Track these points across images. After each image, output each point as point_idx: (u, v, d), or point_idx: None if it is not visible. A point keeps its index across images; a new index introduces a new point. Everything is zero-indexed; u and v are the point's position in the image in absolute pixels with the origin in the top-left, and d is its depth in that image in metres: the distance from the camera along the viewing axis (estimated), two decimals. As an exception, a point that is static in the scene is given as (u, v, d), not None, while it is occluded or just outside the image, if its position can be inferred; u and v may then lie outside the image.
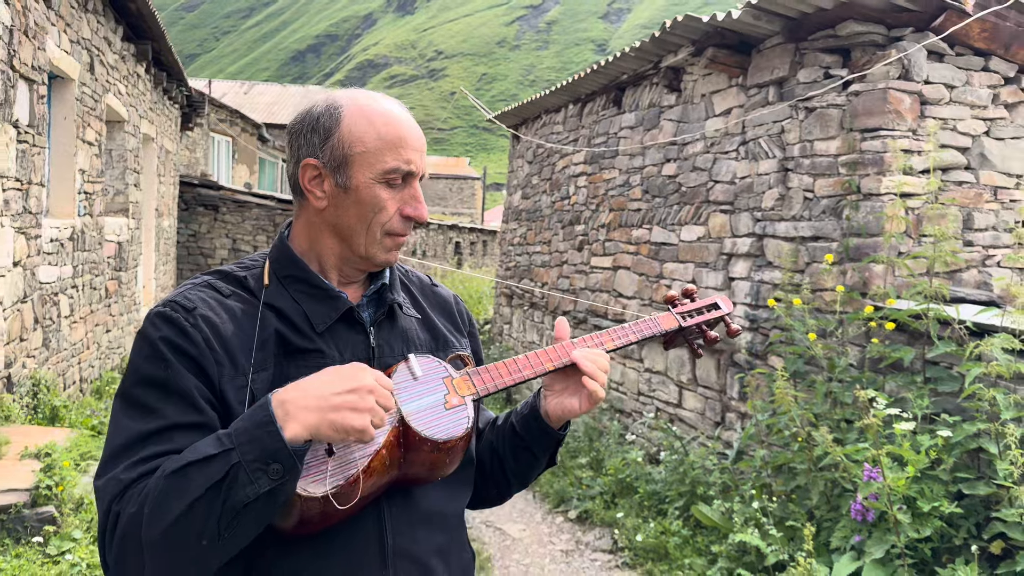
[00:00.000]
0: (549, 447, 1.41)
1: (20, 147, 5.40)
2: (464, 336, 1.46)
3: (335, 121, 1.22)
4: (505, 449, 1.43)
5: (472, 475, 1.41)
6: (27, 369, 5.79)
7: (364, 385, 1.06)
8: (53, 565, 3.81)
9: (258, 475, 0.99)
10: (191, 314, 1.15)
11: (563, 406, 1.34)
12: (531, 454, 1.41)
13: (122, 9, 8.27)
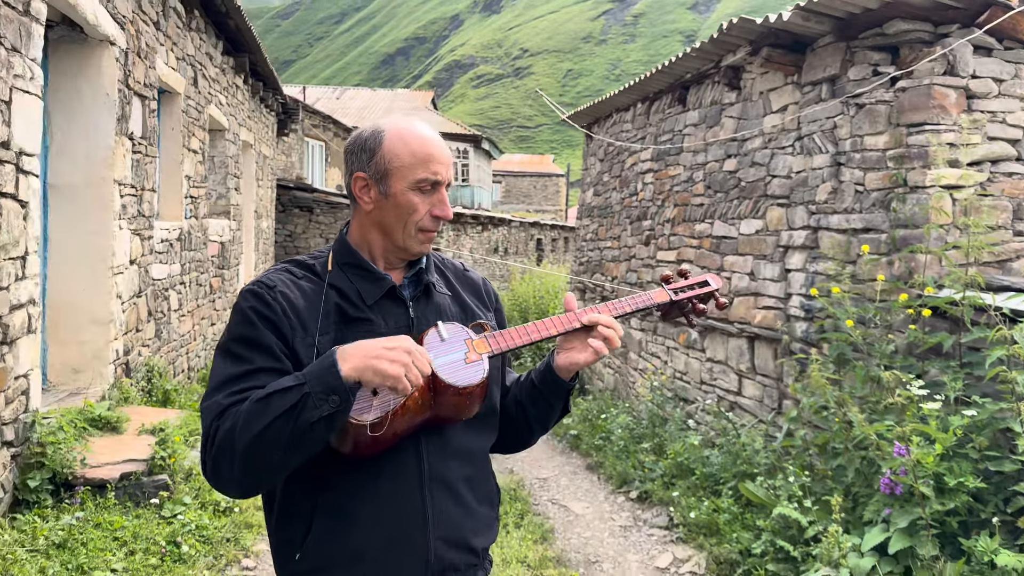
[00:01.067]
0: (560, 395, 1.72)
1: (135, 157, 6.04)
2: (490, 311, 1.80)
3: (378, 142, 1.58)
4: (526, 399, 1.75)
5: (495, 423, 1.74)
6: (142, 357, 6.46)
7: (402, 345, 1.41)
8: (167, 525, 4.33)
9: (321, 403, 1.35)
10: (272, 290, 1.54)
11: (570, 359, 1.65)
12: (547, 402, 1.72)
13: (221, 25, 8.95)
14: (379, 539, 1.52)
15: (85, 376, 5.62)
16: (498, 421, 1.75)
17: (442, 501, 1.58)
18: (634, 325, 7.50)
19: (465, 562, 1.62)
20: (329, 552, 1.52)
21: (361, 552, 1.51)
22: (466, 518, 1.63)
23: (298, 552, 1.53)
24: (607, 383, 8.41)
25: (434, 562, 1.55)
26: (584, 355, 1.64)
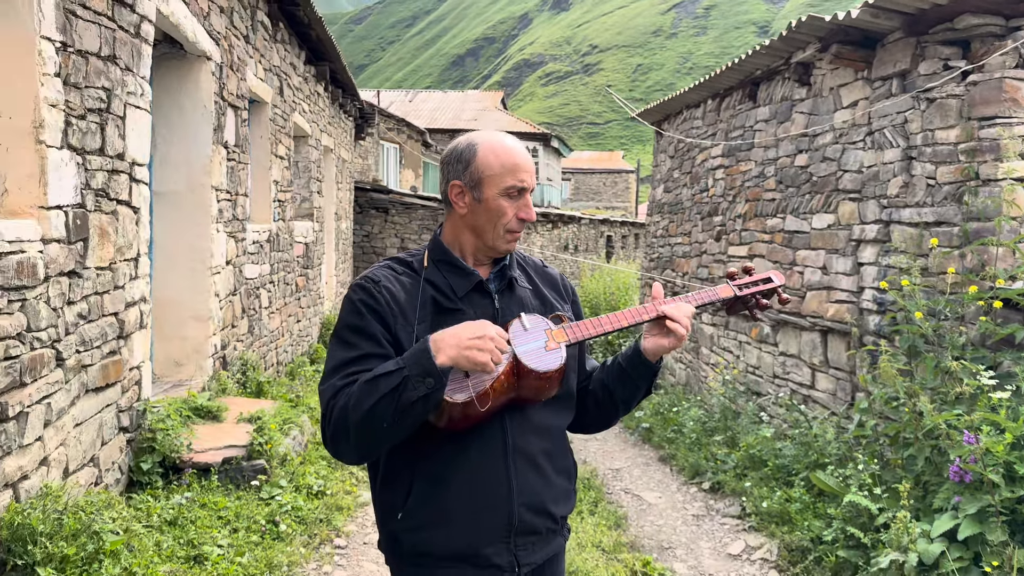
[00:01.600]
0: (647, 377, 1.90)
1: (229, 164, 6.45)
2: (567, 303, 2.00)
3: (472, 154, 1.80)
4: (614, 381, 1.93)
5: (572, 404, 1.94)
6: (237, 351, 6.88)
7: (487, 334, 1.62)
8: (265, 506, 4.67)
9: (419, 384, 1.58)
10: (377, 285, 1.77)
11: (657, 344, 1.83)
12: (634, 383, 1.90)
13: (304, 36, 9.37)
14: (468, 503, 1.73)
15: (187, 369, 6.05)
16: (574, 403, 1.95)
17: (524, 471, 1.78)
18: (705, 320, 7.58)
19: (545, 526, 1.83)
20: (426, 513, 1.74)
21: (453, 514, 1.73)
22: (546, 487, 1.83)
23: (400, 512, 1.76)
24: (679, 378, 8.50)
25: (517, 524, 1.76)
26: (668, 340, 1.82)
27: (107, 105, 4.07)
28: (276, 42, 8.25)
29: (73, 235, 3.72)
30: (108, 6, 4.05)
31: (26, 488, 3.32)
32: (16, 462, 3.24)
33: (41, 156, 3.43)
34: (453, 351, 1.59)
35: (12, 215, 3.39)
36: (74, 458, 3.80)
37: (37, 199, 3.45)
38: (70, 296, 3.71)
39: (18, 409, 3.23)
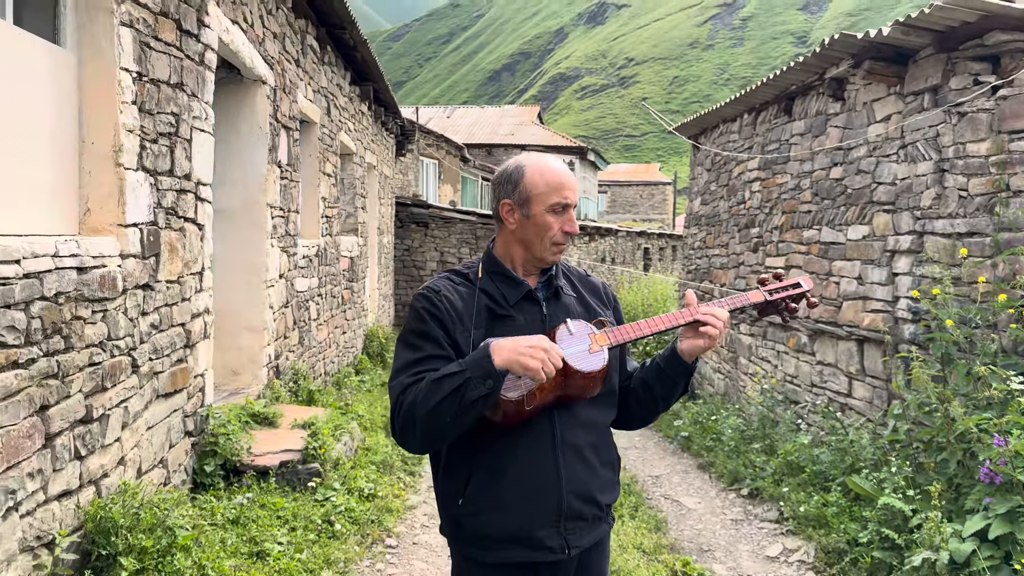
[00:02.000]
0: (684, 376, 2.08)
1: (282, 183, 6.76)
2: (609, 309, 2.19)
3: (521, 175, 2.00)
4: (654, 380, 2.11)
5: (615, 401, 2.12)
6: (289, 361, 7.17)
7: (540, 345, 1.81)
8: (321, 507, 4.91)
9: (479, 384, 1.78)
10: (438, 295, 1.98)
11: (693, 345, 2.01)
12: (672, 381, 2.08)
13: (349, 58, 9.72)
14: (522, 491, 1.93)
15: (243, 378, 6.34)
16: (617, 400, 2.14)
17: (571, 462, 1.97)
18: (743, 331, 7.69)
19: (592, 513, 2.01)
20: (484, 500, 1.94)
21: (508, 501, 1.92)
22: (592, 477, 2.01)
23: (460, 498, 1.96)
24: (717, 388, 8.60)
25: (566, 511, 1.95)
26: (704, 341, 2.00)
27: (176, 129, 4.37)
28: (324, 64, 8.59)
29: (147, 251, 4.01)
30: (177, 37, 4.36)
31: (106, 485, 3.59)
32: (99, 460, 3.51)
33: (120, 178, 3.73)
34: (509, 355, 1.78)
35: (94, 232, 3.68)
36: (146, 459, 4.07)
37: (116, 217, 3.74)
38: (144, 307, 3.99)
39: (100, 412, 3.51)
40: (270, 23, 6.39)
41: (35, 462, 2.99)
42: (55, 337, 3.13)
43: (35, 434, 2.99)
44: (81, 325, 3.34)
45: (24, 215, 3.23)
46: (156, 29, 4.08)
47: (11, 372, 2.83)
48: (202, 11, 4.72)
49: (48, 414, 3.08)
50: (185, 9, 4.46)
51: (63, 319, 3.19)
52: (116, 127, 3.69)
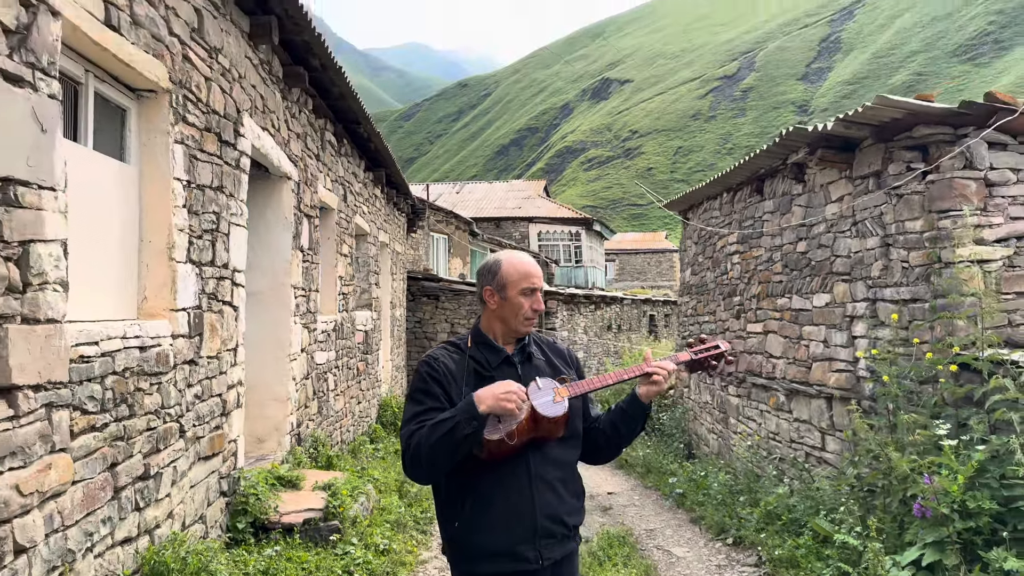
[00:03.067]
0: (642, 415, 2.67)
1: (304, 265, 7.46)
2: (572, 369, 2.80)
3: (499, 268, 2.64)
4: (619, 420, 2.70)
5: (579, 443, 2.71)
6: (309, 429, 7.75)
7: (511, 388, 2.42)
8: (340, 560, 5.42)
9: (467, 425, 2.37)
10: (437, 361, 2.60)
11: (647, 391, 2.61)
12: (633, 420, 2.67)
13: (363, 148, 10.57)
14: (505, 515, 2.50)
15: (268, 444, 6.92)
16: (581, 442, 2.72)
17: (544, 492, 2.55)
18: (731, 392, 8.22)
19: (561, 532, 2.58)
20: (476, 522, 2.51)
21: (494, 523, 2.50)
22: (561, 504, 2.59)
23: (457, 522, 2.53)
24: (712, 447, 9.08)
25: (540, 530, 2.52)
26: (654, 387, 2.61)
27: (216, 225, 5.08)
28: (341, 156, 9.40)
29: (192, 331, 4.66)
30: (218, 148, 5.11)
31: (159, 535, 4.16)
32: (153, 512, 4.09)
33: (172, 270, 4.41)
34: (489, 401, 2.39)
35: (150, 316, 4.34)
36: (190, 514, 4.64)
37: (168, 303, 4.40)
38: (190, 380, 4.62)
39: (156, 470, 4.11)
40: (294, 125, 7.19)
41: (106, 511, 3.58)
42: (122, 405, 3.75)
43: (107, 487, 3.58)
44: (141, 395, 3.97)
45: (97, 303, 3.89)
46: (201, 143, 4.83)
47: (91, 434, 3.44)
48: (238, 123, 5.49)
49: (116, 470, 3.68)
50: (224, 123, 5.22)
51: (128, 390, 3.82)
52: (170, 227, 4.39)
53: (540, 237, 31.54)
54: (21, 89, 2.88)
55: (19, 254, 2.86)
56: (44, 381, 3.00)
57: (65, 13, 3.22)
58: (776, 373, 6.91)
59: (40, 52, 3.01)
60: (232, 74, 5.42)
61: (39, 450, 2.97)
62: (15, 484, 2.80)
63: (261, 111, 6.16)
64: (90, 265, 3.82)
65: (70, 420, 3.24)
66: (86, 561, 3.38)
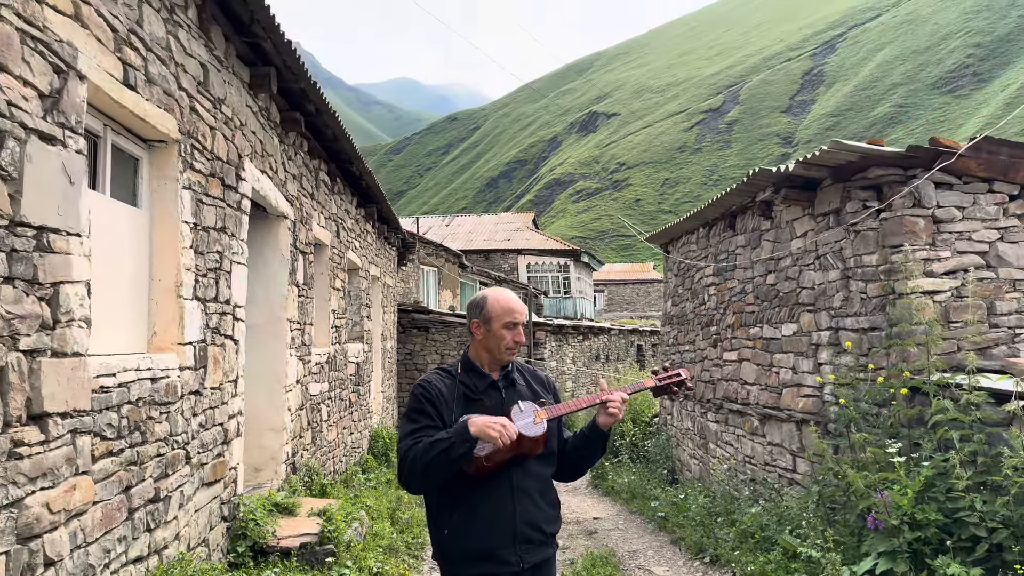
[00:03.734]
0: (601, 440, 3.00)
1: (299, 300, 7.78)
2: (550, 394, 3.13)
3: (485, 303, 2.99)
4: (581, 444, 3.04)
5: (554, 460, 3.04)
6: (303, 458, 8.01)
7: (500, 422, 2.74)
8: (335, 582, 5.68)
9: (461, 445, 2.70)
10: (431, 384, 2.93)
11: (604, 419, 2.95)
12: (593, 445, 3.01)
13: (355, 185, 10.95)
14: (489, 521, 2.82)
15: (265, 473, 7.18)
16: (556, 459, 3.06)
17: (524, 502, 2.87)
18: (711, 419, 8.56)
19: (538, 539, 2.90)
20: (463, 529, 2.83)
21: (480, 529, 2.82)
22: (538, 512, 2.91)
23: (447, 529, 2.85)
24: (694, 472, 9.38)
25: (519, 536, 2.84)
26: (611, 417, 2.95)
27: (219, 264, 5.41)
28: (334, 194, 9.78)
29: (198, 363, 4.97)
30: (221, 192, 5.46)
31: (167, 555, 4.44)
32: (162, 533, 4.37)
33: (180, 306, 4.73)
34: (480, 427, 2.71)
35: (159, 350, 4.65)
36: (194, 537, 4.91)
37: (176, 338, 4.72)
38: (195, 409, 4.93)
39: (165, 493, 4.40)
40: (290, 167, 7.56)
41: (121, 530, 3.87)
42: (136, 433, 4.06)
43: (122, 508, 3.88)
44: (152, 423, 4.27)
45: (112, 338, 4.21)
46: (207, 187, 5.18)
47: (109, 459, 3.74)
48: (240, 168, 5.85)
49: (130, 493, 3.98)
50: (227, 168, 5.58)
51: (141, 418, 4.12)
52: (178, 267, 4.72)
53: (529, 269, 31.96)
54: (53, 147, 3.24)
55: (50, 294, 3.19)
56: (70, 409, 3.31)
57: (91, 77, 3.59)
58: (750, 399, 7.26)
59: (69, 113, 3.37)
60: (234, 122, 5.80)
61: (65, 472, 3.28)
62: (46, 502, 3.11)
63: (260, 155, 6.53)
64: (106, 302, 4.14)
65: (91, 445, 3.54)
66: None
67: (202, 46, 5.16)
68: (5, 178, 2.90)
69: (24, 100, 3.04)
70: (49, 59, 3.24)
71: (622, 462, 11.35)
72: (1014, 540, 3.76)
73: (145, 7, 4.28)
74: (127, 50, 4.03)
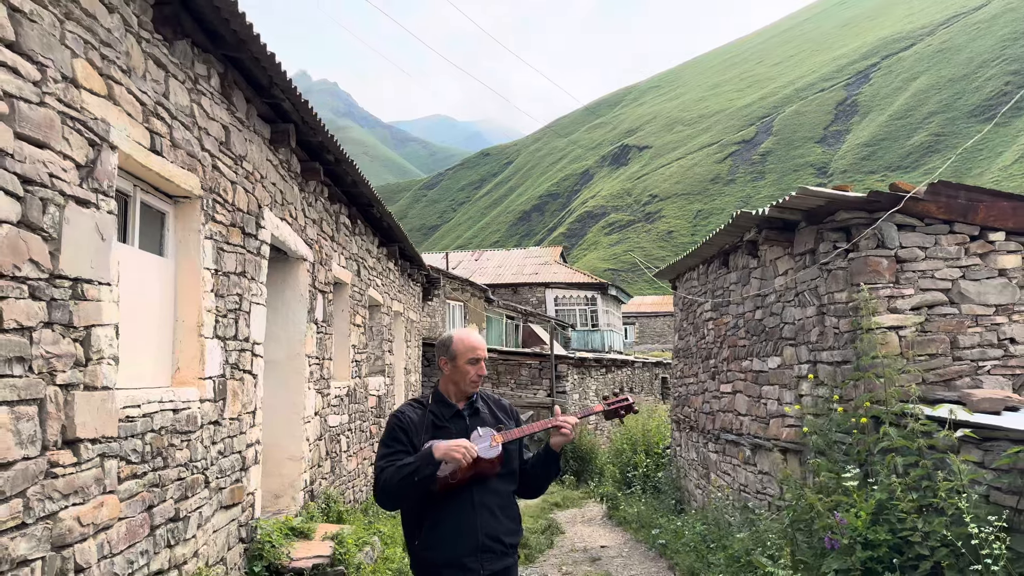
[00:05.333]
0: (555, 461, 3.43)
1: (318, 336, 8.31)
2: (511, 420, 3.56)
3: (451, 342, 3.44)
4: (539, 464, 3.46)
5: (515, 479, 3.46)
6: (321, 487, 8.47)
7: (462, 444, 3.18)
8: (345, 600, 6.10)
9: (426, 467, 3.14)
10: (403, 415, 3.39)
11: (556, 441, 3.38)
12: (547, 465, 3.43)
13: (376, 226, 11.52)
14: (453, 533, 3.24)
15: (283, 500, 7.65)
16: (517, 477, 3.47)
17: (485, 516, 3.29)
18: (711, 449, 8.85)
19: (499, 548, 3.31)
20: (431, 540, 3.25)
21: (445, 541, 3.24)
22: (498, 525, 3.32)
23: (417, 540, 3.28)
24: (698, 502, 9.65)
25: (480, 546, 3.25)
26: (562, 438, 3.37)
27: (239, 305, 5.94)
28: (355, 235, 10.35)
29: (217, 396, 5.48)
30: (241, 239, 6.01)
31: (186, 570, 4.91)
32: (182, 550, 4.85)
33: (201, 345, 5.25)
34: (444, 450, 3.15)
35: (182, 384, 5.17)
36: (212, 555, 5.38)
37: (197, 373, 5.24)
38: (214, 438, 5.42)
39: (184, 513, 4.88)
40: (310, 212, 8.13)
41: (144, 544, 4.35)
42: (158, 458, 4.56)
43: (144, 525, 4.36)
44: (174, 450, 4.77)
45: (139, 374, 4.73)
46: (227, 236, 5.73)
47: (133, 480, 4.24)
48: (259, 217, 6.41)
49: (152, 512, 4.46)
50: (247, 218, 6.14)
51: (163, 445, 4.62)
52: (199, 309, 5.25)
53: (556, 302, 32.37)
54: (88, 209, 3.78)
55: (83, 336, 3.71)
56: (99, 436, 3.82)
57: (121, 146, 4.15)
58: (743, 429, 7.57)
59: (102, 179, 3.93)
60: (255, 176, 6.37)
61: (94, 490, 3.78)
62: (77, 516, 3.60)
63: (280, 204, 7.10)
64: (135, 342, 4.67)
65: (118, 468, 4.04)
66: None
67: (224, 109, 5.75)
68: (46, 238, 3.44)
69: (63, 171, 3.59)
70: (85, 135, 3.80)
71: (634, 493, 11.62)
72: (954, 558, 4.06)
73: (171, 80, 4.87)
74: (154, 120, 4.60)
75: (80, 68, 3.76)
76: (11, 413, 3.16)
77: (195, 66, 5.23)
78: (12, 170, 3.22)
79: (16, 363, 3.19)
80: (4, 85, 3.19)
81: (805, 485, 4.85)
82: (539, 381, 17.63)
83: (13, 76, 3.26)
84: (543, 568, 8.09)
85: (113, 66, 4.09)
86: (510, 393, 17.28)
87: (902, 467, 4.36)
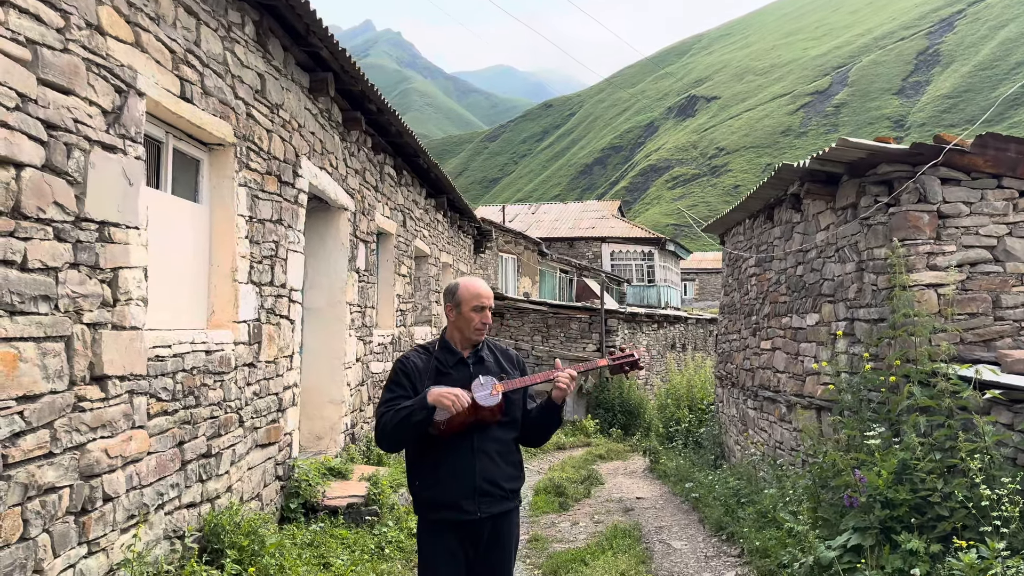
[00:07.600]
0: (556, 412, 3.45)
1: (360, 285, 8.45)
2: (516, 369, 3.59)
3: (456, 289, 3.47)
4: (540, 415, 3.48)
5: (516, 427, 3.49)
6: (363, 430, 8.71)
7: (453, 391, 3.22)
8: (375, 538, 6.29)
9: (421, 411, 3.19)
10: (408, 360, 3.44)
11: (556, 393, 3.39)
12: (549, 416, 3.46)
13: (424, 177, 11.58)
14: (452, 476, 3.30)
15: (324, 442, 7.90)
16: (518, 426, 3.50)
17: (483, 461, 3.34)
18: (750, 405, 8.76)
19: (497, 493, 3.35)
20: (431, 481, 3.33)
21: (444, 482, 3.30)
22: (497, 470, 3.37)
23: (418, 480, 3.36)
24: (737, 457, 9.59)
25: (478, 489, 3.31)
26: (559, 392, 3.38)
27: (275, 252, 6.08)
28: (400, 186, 10.42)
29: (252, 339, 5.65)
30: (278, 187, 6.12)
31: (219, 504, 5.14)
32: (214, 485, 5.07)
33: (235, 289, 5.41)
34: (435, 396, 3.20)
35: (216, 327, 5.34)
36: (247, 491, 5.61)
37: (232, 316, 5.40)
38: (249, 379, 5.61)
39: (217, 450, 5.09)
40: (352, 162, 8.21)
41: (174, 478, 4.56)
42: (189, 397, 4.74)
43: (175, 459, 4.57)
44: (206, 389, 4.96)
45: (175, 316, 4.91)
46: (263, 184, 5.84)
47: (163, 417, 4.43)
48: (296, 165, 6.51)
49: (183, 447, 4.66)
50: (283, 166, 6.24)
51: (195, 384, 4.81)
52: (233, 255, 5.39)
53: (613, 257, 32.14)
54: (114, 155, 3.90)
55: (111, 278, 3.86)
56: (128, 373, 3.99)
57: (149, 93, 4.25)
58: (780, 386, 7.46)
59: (129, 126, 4.04)
60: (292, 124, 6.45)
61: (123, 425, 3.97)
62: (104, 448, 3.79)
63: (319, 153, 7.18)
64: (170, 286, 4.84)
65: (147, 404, 4.23)
66: (158, 516, 4.36)
67: (260, 58, 5.81)
68: (71, 182, 3.57)
69: (88, 117, 3.70)
70: (111, 81, 3.90)
71: (676, 447, 11.62)
72: (973, 520, 3.97)
73: (203, 28, 4.95)
74: (184, 67, 4.68)
75: (105, 15, 3.85)
76: (38, 349, 3.32)
77: (228, 14, 5.29)
78: (36, 115, 3.33)
79: (42, 301, 3.34)
80: (26, 32, 3.29)
81: (829, 441, 4.78)
82: (588, 335, 17.62)
83: (36, 23, 3.35)
84: (575, 516, 8.20)
85: (140, 13, 4.16)
86: (559, 347, 17.34)
87: (926, 427, 4.25)
